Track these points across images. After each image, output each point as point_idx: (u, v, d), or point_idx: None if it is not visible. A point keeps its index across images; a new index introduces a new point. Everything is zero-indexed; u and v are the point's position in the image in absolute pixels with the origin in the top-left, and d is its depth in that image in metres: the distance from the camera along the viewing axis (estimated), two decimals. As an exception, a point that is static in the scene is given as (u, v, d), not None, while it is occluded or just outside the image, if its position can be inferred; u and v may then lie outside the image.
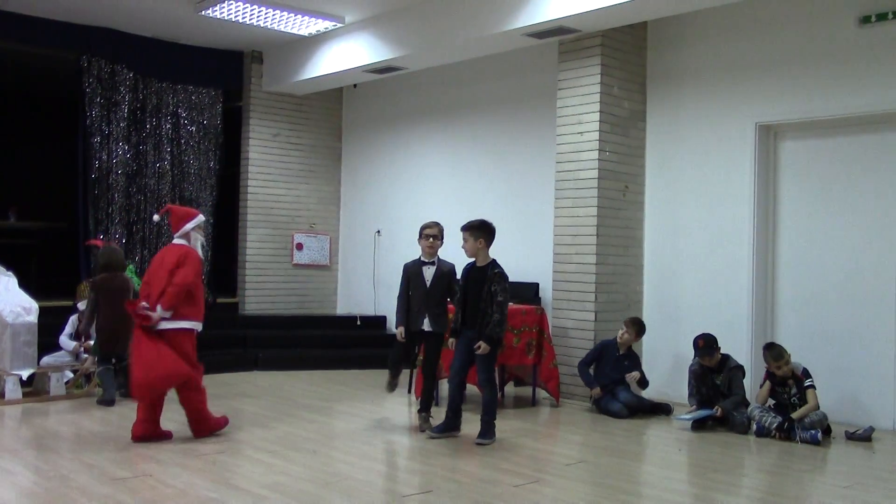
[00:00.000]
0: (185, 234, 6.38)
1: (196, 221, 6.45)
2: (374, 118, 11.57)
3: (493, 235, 6.59)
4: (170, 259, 6.23)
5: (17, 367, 7.74)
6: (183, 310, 6.15)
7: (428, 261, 6.93)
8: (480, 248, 6.52)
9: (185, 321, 6.19)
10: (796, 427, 6.58)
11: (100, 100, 10.19)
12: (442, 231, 6.96)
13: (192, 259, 6.23)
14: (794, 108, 7.55)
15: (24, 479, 5.24)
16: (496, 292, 6.33)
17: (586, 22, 7.74)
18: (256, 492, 5.00)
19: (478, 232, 6.52)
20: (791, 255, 7.76)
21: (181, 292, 6.10)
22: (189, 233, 6.39)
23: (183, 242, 6.36)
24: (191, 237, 6.40)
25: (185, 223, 6.39)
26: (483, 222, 6.58)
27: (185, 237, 6.38)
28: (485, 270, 6.46)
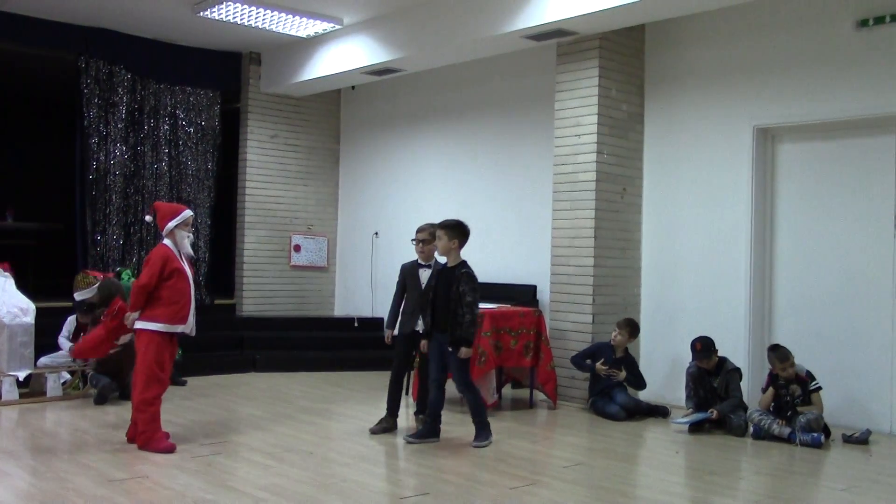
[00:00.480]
0: (170, 233, 6.17)
1: (179, 218, 6.21)
2: (373, 120, 11.57)
3: (466, 237, 6.51)
4: (148, 258, 6.16)
5: (14, 368, 7.73)
6: (145, 310, 6.02)
7: (424, 263, 6.98)
8: (453, 248, 6.41)
9: (142, 322, 6.02)
10: (796, 430, 6.57)
11: (98, 101, 10.18)
12: (433, 233, 6.77)
13: (152, 260, 6.04)
14: (792, 111, 7.56)
15: (20, 481, 5.23)
16: (464, 293, 6.23)
17: (584, 24, 7.75)
18: (253, 493, 5.00)
19: (452, 231, 6.40)
20: (788, 257, 7.77)
21: (137, 294, 5.98)
22: (173, 231, 6.17)
23: (168, 242, 6.17)
24: (176, 235, 6.18)
25: (168, 221, 6.18)
26: (459, 222, 6.47)
27: (170, 236, 6.18)
28: (454, 271, 6.37)
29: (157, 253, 6.09)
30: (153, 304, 6.02)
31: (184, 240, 6.21)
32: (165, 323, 6.03)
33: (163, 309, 6.02)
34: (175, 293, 6.05)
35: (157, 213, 6.27)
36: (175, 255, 6.13)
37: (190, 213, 6.33)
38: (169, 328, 6.05)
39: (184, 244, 6.22)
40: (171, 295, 6.03)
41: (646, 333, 8.52)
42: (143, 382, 5.98)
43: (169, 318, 6.04)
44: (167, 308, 6.03)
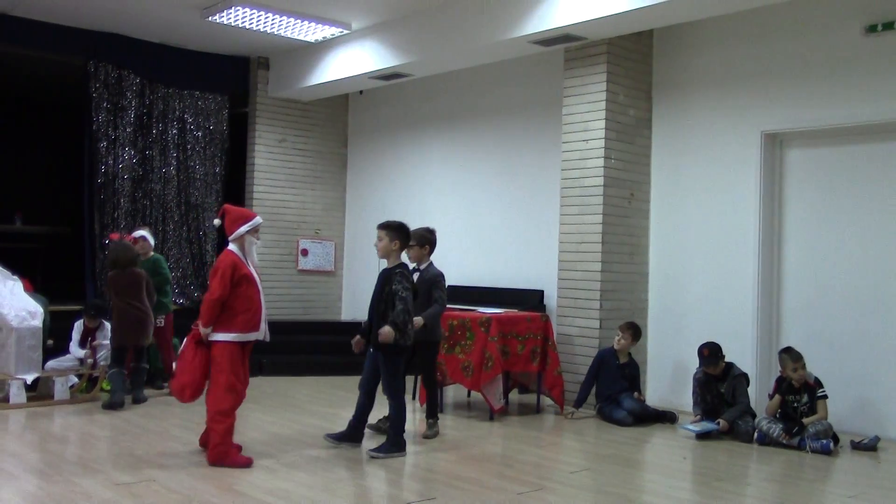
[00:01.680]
0: (239, 238, 5.93)
1: (251, 224, 5.97)
2: (380, 125, 11.59)
3: (408, 239, 6.39)
4: (215, 267, 5.90)
5: (22, 371, 7.75)
6: (218, 322, 5.80)
7: (417, 268, 7.03)
8: (394, 249, 6.24)
9: (217, 333, 5.80)
10: (806, 437, 6.56)
11: (106, 105, 10.23)
12: (420, 240, 6.96)
13: (221, 270, 5.79)
14: (800, 117, 7.55)
15: (28, 484, 5.25)
16: (396, 291, 6.06)
17: (592, 30, 7.75)
18: (260, 497, 5.00)
19: (393, 232, 6.25)
20: (797, 263, 7.75)
21: (210, 308, 5.75)
22: (243, 236, 5.93)
23: (235, 248, 5.92)
24: (245, 241, 5.94)
25: (239, 226, 5.93)
26: (401, 224, 6.33)
27: (238, 241, 5.93)
28: (390, 272, 6.20)
29: (224, 261, 5.84)
30: (225, 314, 5.80)
31: (252, 246, 5.99)
32: (240, 332, 5.83)
33: (236, 318, 5.81)
34: (245, 301, 5.83)
35: (227, 217, 6.01)
36: (242, 261, 5.90)
37: (260, 220, 6.13)
38: (243, 337, 5.86)
39: (251, 251, 6.00)
40: (243, 303, 5.81)
41: (653, 339, 8.51)
42: (220, 394, 5.78)
43: (243, 327, 5.84)
44: (241, 316, 5.82)
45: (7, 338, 7.82)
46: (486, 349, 7.52)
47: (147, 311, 7.97)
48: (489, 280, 9.85)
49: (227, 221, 5.98)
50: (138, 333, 7.91)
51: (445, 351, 7.77)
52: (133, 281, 7.94)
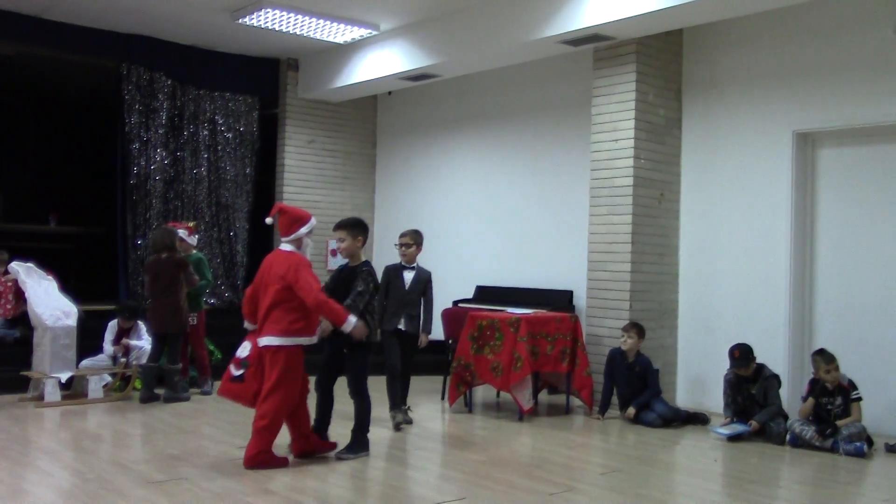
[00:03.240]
0: (297, 240, 5.86)
1: (309, 226, 5.90)
2: (409, 125, 11.61)
3: (367, 234, 6.20)
4: (276, 271, 5.69)
5: (57, 370, 7.86)
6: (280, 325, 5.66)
7: (408, 265, 7.37)
8: (358, 247, 6.12)
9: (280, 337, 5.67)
10: (839, 440, 6.49)
11: (138, 107, 10.34)
12: (417, 238, 7.38)
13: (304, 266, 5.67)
14: (832, 116, 7.47)
15: (62, 481, 5.32)
16: (356, 286, 5.99)
17: (622, 29, 7.72)
18: (293, 497, 5.03)
19: (356, 230, 6.10)
20: (829, 263, 7.67)
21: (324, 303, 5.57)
22: (302, 238, 5.87)
23: (291, 248, 5.83)
24: (302, 243, 5.87)
25: (298, 227, 5.85)
26: (360, 220, 6.18)
27: (295, 242, 5.85)
28: (355, 270, 6.09)
29: (296, 260, 5.70)
30: (289, 318, 5.64)
31: (307, 248, 5.91)
32: (306, 336, 5.74)
33: (302, 322, 5.69)
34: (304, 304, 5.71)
35: (283, 217, 5.91)
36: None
37: (316, 223, 6.04)
38: (308, 340, 5.78)
39: (305, 252, 5.90)
40: (303, 305, 5.65)
41: (683, 339, 8.46)
42: (280, 403, 5.65)
43: (306, 331, 5.74)
44: (305, 320, 5.71)
45: (42, 337, 7.94)
46: (515, 349, 7.51)
47: (178, 298, 8.04)
48: (518, 280, 9.84)
49: (283, 221, 5.88)
50: (171, 320, 8.02)
51: (474, 351, 7.77)
52: (167, 267, 8.05)
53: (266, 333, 5.67)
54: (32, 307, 8.03)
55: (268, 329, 5.67)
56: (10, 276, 8.61)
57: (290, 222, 5.87)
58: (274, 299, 5.66)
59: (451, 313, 8.83)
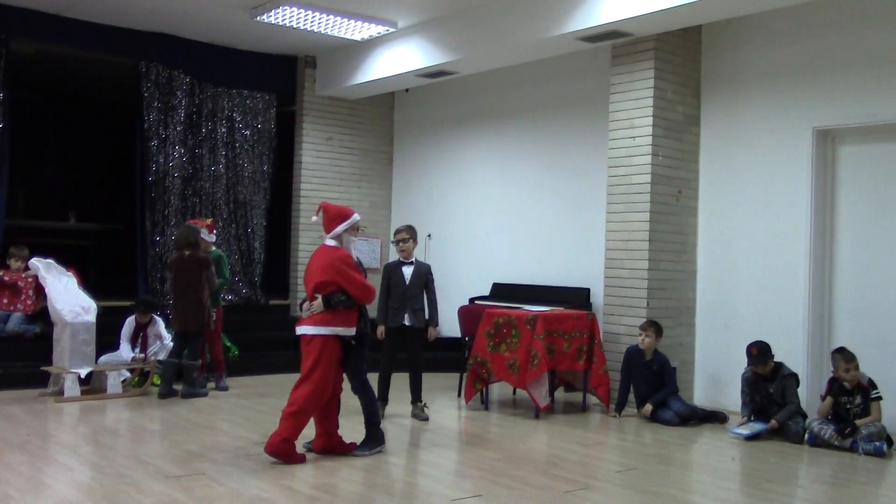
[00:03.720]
0: (338, 236, 5.93)
1: (349, 222, 5.96)
2: (426, 122, 11.61)
3: None
4: (318, 265, 5.85)
5: (76, 366, 7.92)
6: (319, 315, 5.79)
7: (406, 261, 7.47)
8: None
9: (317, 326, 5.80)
10: (859, 439, 6.44)
11: (157, 104, 10.40)
12: (412, 233, 7.54)
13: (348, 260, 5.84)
14: (853, 113, 7.40)
15: (81, 475, 5.37)
16: None
17: (640, 26, 7.68)
18: (307, 493, 5.05)
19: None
20: (849, 261, 7.60)
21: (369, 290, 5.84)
22: (341, 234, 5.94)
23: (334, 244, 5.93)
24: (343, 239, 5.95)
25: (338, 224, 5.93)
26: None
27: (337, 238, 5.94)
28: None
29: (340, 256, 5.83)
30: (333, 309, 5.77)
31: (350, 244, 5.99)
32: (344, 326, 5.83)
33: (338, 313, 5.79)
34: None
35: (325, 214, 6.00)
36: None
37: (357, 218, 6.08)
38: (346, 331, 5.86)
39: (349, 249, 5.99)
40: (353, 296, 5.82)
41: (701, 338, 8.41)
42: (311, 392, 5.71)
43: (345, 322, 5.84)
44: (344, 312, 5.82)
45: (62, 332, 8.00)
46: (531, 347, 7.50)
47: (201, 296, 8.10)
48: (535, 278, 9.82)
49: (325, 218, 5.98)
50: (193, 318, 8.09)
51: (491, 348, 7.77)
52: (190, 265, 8.11)
53: (303, 323, 5.83)
54: (52, 303, 8.10)
55: (305, 319, 5.82)
56: (30, 273, 8.69)
57: (331, 219, 5.97)
58: (312, 292, 5.81)
59: (467, 311, 8.83)
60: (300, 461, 5.72)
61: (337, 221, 5.94)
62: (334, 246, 5.92)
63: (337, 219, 5.96)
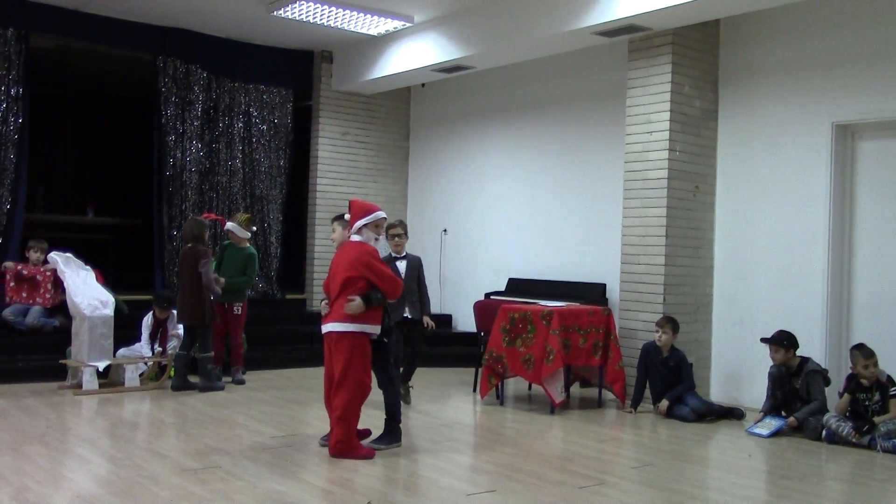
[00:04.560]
0: (359, 231, 5.87)
1: (369, 218, 5.87)
2: (442, 117, 11.61)
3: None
4: (344, 260, 5.80)
5: (94, 359, 7.97)
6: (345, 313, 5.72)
7: (399, 255, 7.68)
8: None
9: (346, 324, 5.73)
10: (877, 436, 6.39)
11: (174, 99, 10.44)
12: (405, 228, 7.78)
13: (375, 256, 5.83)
14: (873, 107, 7.34)
15: (99, 468, 5.41)
16: None
17: (657, 20, 7.64)
18: (323, 486, 5.07)
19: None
20: (868, 257, 7.54)
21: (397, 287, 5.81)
22: (361, 229, 5.87)
23: (359, 239, 5.87)
24: (363, 234, 5.87)
25: (358, 219, 5.88)
26: None
27: (359, 233, 5.88)
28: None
29: (367, 251, 5.79)
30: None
31: (371, 241, 5.89)
32: (371, 323, 5.77)
33: (370, 311, 5.74)
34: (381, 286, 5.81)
35: (351, 210, 5.97)
36: None
37: (381, 215, 5.97)
38: (373, 328, 5.80)
39: (373, 242, 5.92)
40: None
41: (718, 334, 8.38)
42: (352, 390, 5.70)
43: (374, 319, 5.79)
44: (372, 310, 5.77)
45: (80, 326, 8.06)
46: (547, 342, 7.49)
47: (196, 289, 8.10)
48: (551, 273, 9.81)
49: (351, 214, 5.96)
50: (190, 311, 8.15)
51: (506, 344, 7.76)
52: (187, 258, 8.21)
53: (330, 320, 5.78)
54: (71, 297, 8.16)
55: (332, 315, 5.78)
56: (48, 266, 8.75)
57: (353, 215, 5.92)
58: (341, 287, 5.76)
59: (482, 306, 8.82)
60: (368, 456, 5.70)
61: (359, 216, 5.89)
62: (360, 241, 5.85)
63: (358, 214, 5.91)
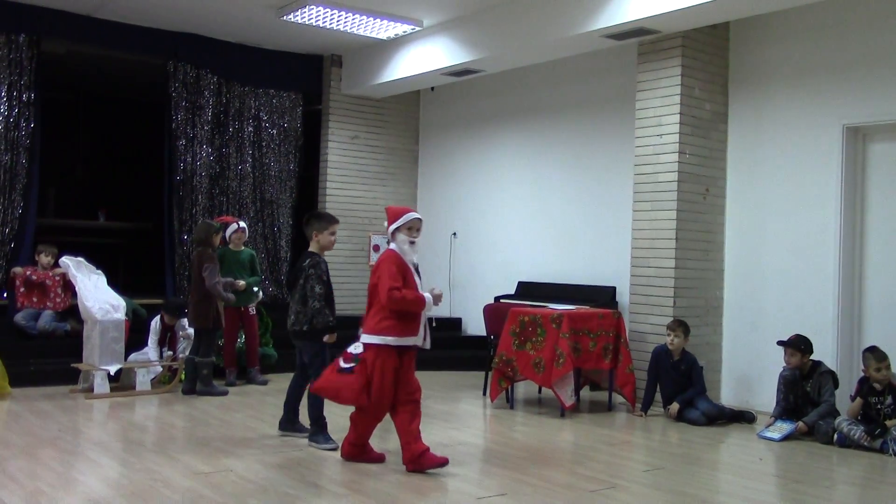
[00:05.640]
0: (392, 235, 5.62)
1: (400, 220, 5.60)
2: (452, 121, 11.62)
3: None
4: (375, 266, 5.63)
5: (106, 363, 8.00)
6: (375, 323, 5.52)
7: None
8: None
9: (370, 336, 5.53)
10: (889, 440, 6.36)
11: (185, 104, 10.48)
12: None
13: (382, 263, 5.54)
14: (884, 109, 7.31)
15: (111, 471, 5.43)
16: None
17: (667, 23, 7.63)
18: (334, 490, 5.08)
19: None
20: (880, 260, 7.51)
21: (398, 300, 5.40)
22: (393, 234, 5.61)
23: (393, 246, 5.61)
24: (396, 238, 5.60)
25: (390, 224, 5.64)
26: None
27: (392, 238, 5.63)
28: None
29: (383, 256, 5.59)
30: (378, 316, 5.49)
31: (404, 244, 5.58)
32: (395, 335, 5.47)
33: (389, 321, 5.46)
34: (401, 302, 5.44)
35: (386, 215, 5.76)
36: (402, 260, 5.57)
37: (413, 216, 5.66)
38: (399, 341, 5.48)
39: (404, 249, 5.59)
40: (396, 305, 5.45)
41: (728, 337, 8.35)
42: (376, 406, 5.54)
43: (393, 330, 5.46)
44: (394, 320, 5.46)
45: (92, 330, 8.09)
46: (557, 346, 7.48)
47: (200, 293, 8.11)
48: (561, 276, 9.80)
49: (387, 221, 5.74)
50: (194, 315, 8.20)
51: (516, 347, 7.76)
52: (195, 262, 8.27)
53: (362, 331, 5.63)
54: (82, 301, 8.19)
55: (363, 327, 5.63)
56: (59, 270, 8.79)
57: (388, 221, 5.71)
58: (369, 297, 5.65)
59: (492, 309, 8.82)
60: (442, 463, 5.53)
61: (390, 221, 5.67)
62: (390, 248, 5.64)
63: (390, 219, 5.69)
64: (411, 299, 5.46)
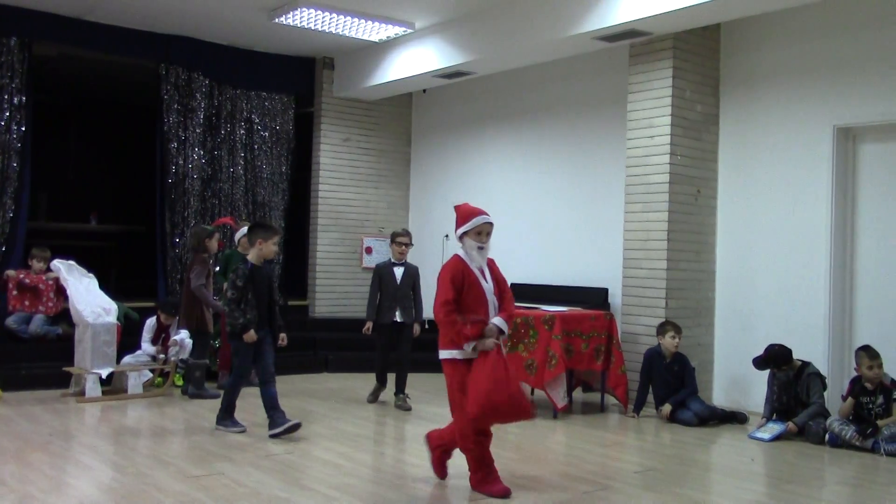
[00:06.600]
0: (460, 240, 5.26)
1: (468, 226, 5.19)
2: (444, 123, 11.62)
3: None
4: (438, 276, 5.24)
5: (98, 366, 7.98)
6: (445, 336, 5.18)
7: (398, 262, 8.05)
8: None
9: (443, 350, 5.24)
10: (880, 439, 6.39)
11: (177, 106, 10.47)
12: (411, 238, 8.19)
13: (440, 275, 5.19)
14: (874, 111, 7.34)
15: (102, 475, 5.42)
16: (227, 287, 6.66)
17: (658, 25, 7.65)
18: (325, 492, 5.07)
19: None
20: (871, 261, 7.54)
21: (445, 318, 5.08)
22: (462, 238, 5.24)
23: (461, 253, 5.24)
24: (464, 243, 5.23)
25: (458, 227, 5.24)
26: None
27: (460, 243, 5.27)
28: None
29: (445, 265, 5.22)
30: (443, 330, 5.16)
31: (472, 250, 5.18)
32: (447, 348, 5.18)
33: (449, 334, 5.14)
34: (466, 311, 5.11)
35: (456, 217, 5.32)
36: (468, 266, 5.18)
37: (483, 220, 5.21)
38: (461, 354, 5.13)
39: (472, 255, 5.19)
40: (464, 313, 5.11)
41: (720, 338, 8.37)
42: (459, 420, 5.17)
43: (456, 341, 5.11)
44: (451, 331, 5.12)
45: (83, 333, 8.07)
46: (549, 347, 7.49)
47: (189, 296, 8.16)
48: (553, 278, 9.81)
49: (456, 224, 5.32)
50: (185, 318, 8.25)
51: (508, 349, 7.76)
52: (189, 266, 8.34)
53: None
54: (74, 304, 8.17)
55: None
56: (51, 274, 8.77)
57: (456, 224, 5.28)
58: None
59: (485, 311, 8.81)
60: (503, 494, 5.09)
61: (458, 223, 5.26)
62: (456, 254, 5.25)
63: (458, 222, 5.26)
64: (456, 330, 5.08)
